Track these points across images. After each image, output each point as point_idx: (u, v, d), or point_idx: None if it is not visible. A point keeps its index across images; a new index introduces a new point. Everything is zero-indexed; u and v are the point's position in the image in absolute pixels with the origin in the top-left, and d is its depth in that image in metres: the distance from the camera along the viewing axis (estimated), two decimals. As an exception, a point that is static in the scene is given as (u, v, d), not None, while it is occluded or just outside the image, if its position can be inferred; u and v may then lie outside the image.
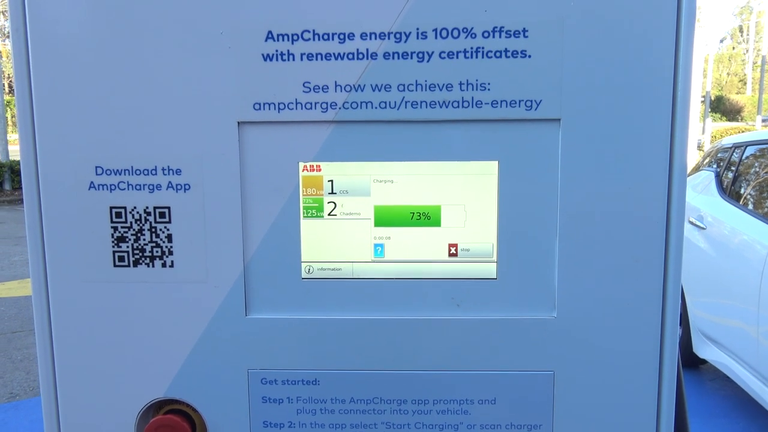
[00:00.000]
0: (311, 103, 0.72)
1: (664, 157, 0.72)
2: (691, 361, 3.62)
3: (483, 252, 0.75)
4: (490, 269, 0.75)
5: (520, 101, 0.71)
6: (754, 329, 2.84)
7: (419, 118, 0.72)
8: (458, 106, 0.71)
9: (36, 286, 0.76)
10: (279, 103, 0.72)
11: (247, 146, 0.73)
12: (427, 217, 0.75)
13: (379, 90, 0.71)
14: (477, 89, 0.71)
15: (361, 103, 0.72)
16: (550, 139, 0.72)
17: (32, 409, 3.33)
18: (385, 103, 0.72)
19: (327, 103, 0.72)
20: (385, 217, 0.75)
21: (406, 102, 0.72)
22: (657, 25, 0.70)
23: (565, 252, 0.74)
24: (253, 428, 0.78)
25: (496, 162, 0.73)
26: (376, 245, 0.76)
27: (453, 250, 0.76)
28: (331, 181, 0.75)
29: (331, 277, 0.76)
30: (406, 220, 0.75)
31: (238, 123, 0.73)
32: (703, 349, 3.39)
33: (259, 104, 0.72)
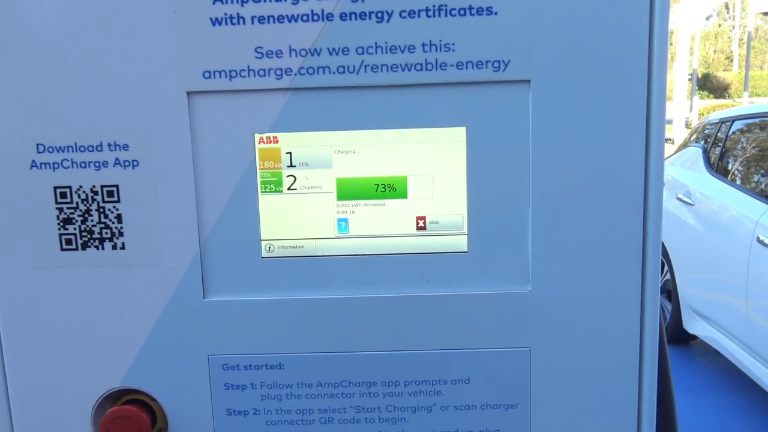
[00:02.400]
0: (264, 70, 0.67)
1: (641, 120, 0.68)
2: (681, 337, 3.63)
3: (453, 224, 0.71)
4: (460, 242, 0.71)
5: (487, 62, 0.67)
6: (743, 304, 2.85)
7: (380, 83, 0.68)
8: (421, 69, 0.67)
9: (-20, 274, 0.72)
10: (230, 71, 0.68)
11: (198, 118, 0.69)
12: (392, 189, 0.71)
13: (337, 54, 0.67)
14: (441, 50, 0.67)
15: (318, 68, 0.67)
16: (520, 103, 0.68)
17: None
18: (344, 67, 0.67)
19: (281, 70, 0.67)
20: (349, 191, 0.71)
21: (365, 66, 0.67)
22: None
23: (539, 222, 0.70)
24: (216, 416, 0.74)
25: (464, 128, 0.69)
26: (339, 220, 0.71)
27: (421, 223, 0.71)
28: (290, 153, 0.70)
29: (293, 255, 0.72)
30: (370, 192, 0.71)
31: (188, 93, 0.68)
32: (692, 325, 3.39)
33: (209, 72, 0.68)
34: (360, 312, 0.72)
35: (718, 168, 3.49)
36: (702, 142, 3.82)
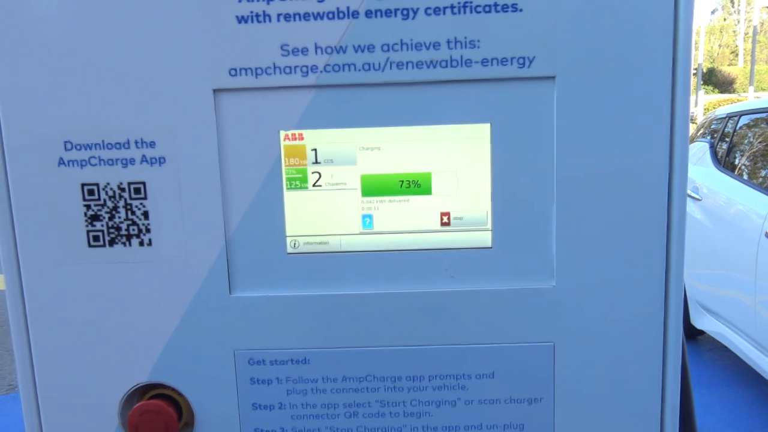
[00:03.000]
0: (290, 67, 0.68)
1: (665, 116, 0.68)
2: (688, 333, 3.63)
3: (477, 220, 0.72)
4: (484, 238, 0.72)
5: (512, 59, 0.67)
6: (751, 299, 2.84)
7: (406, 80, 0.68)
8: (446, 66, 0.67)
9: (8, 271, 0.73)
10: (256, 68, 0.68)
11: (223, 115, 0.69)
12: (417, 185, 0.71)
13: (362, 51, 0.67)
14: (466, 47, 0.67)
15: (344, 65, 0.68)
16: (544, 99, 0.68)
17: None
18: (369, 64, 0.67)
19: (307, 67, 0.68)
20: (373, 187, 0.71)
21: (391, 63, 0.67)
22: None
23: (563, 217, 0.70)
24: (242, 411, 0.74)
25: (489, 125, 0.69)
26: (364, 216, 0.72)
27: (445, 219, 0.72)
28: (315, 150, 0.71)
29: (318, 251, 0.72)
30: (395, 188, 0.71)
31: (214, 91, 0.68)
32: (700, 321, 3.39)
33: (235, 70, 0.68)
34: (384, 307, 0.72)
35: (725, 163, 3.48)
36: (709, 137, 3.80)
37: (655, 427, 0.73)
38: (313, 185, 0.71)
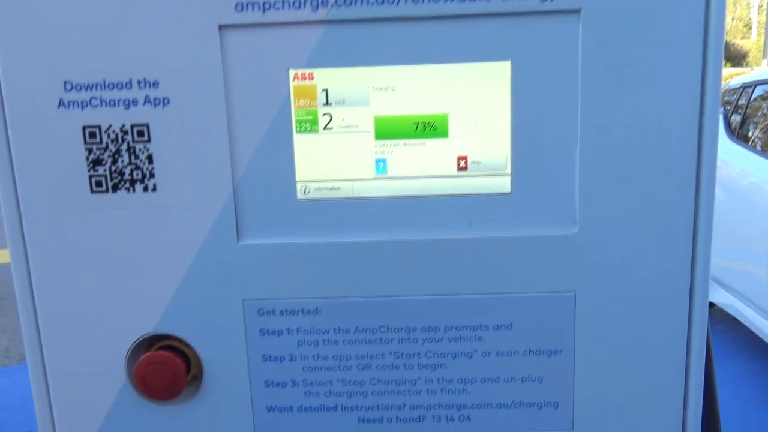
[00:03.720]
0: (299, 1, 0.64)
1: (697, 57, 0.64)
2: (698, 305, 3.60)
3: (496, 164, 0.68)
4: (503, 183, 0.69)
5: None
6: (763, 271, 2.81)
7: (421, 14, 0.64)
8: None
9: (9, 220, 0.70)
10: (264, 3, 0.64)
11: (230, 53, 0.66)
12: (433, 128, 0.68)
13: None
14: None
15: None
16: (569, 35, 0.65)
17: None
18: None
19: (317, 1, 0.64)
20: (387, 129, 0.68)
21: (406, -5, 0.64)
22: None
23: (587, 161, 0.67)
24: (252, 362, 0.72)
25: (509, 62, 0.66)
26: (377, 161, 0.69)
27: (462, 164, 0.69)
28: (326, 90, 0.67)
29: (329, 197, 0.69)
30: (410, 131, 0.68)
31: (219, 26, 0.65)
32: (711, 292, 3.37)
33: (242, 5, 0.64)
34: (398, 256, 0.69)
35: (738, 134, 3.43)
36: (722, 108, 3.74)
37: (680, 380, 0.71)
38: (324, 128, 0.68)
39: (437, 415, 0.73)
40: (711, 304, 3.51)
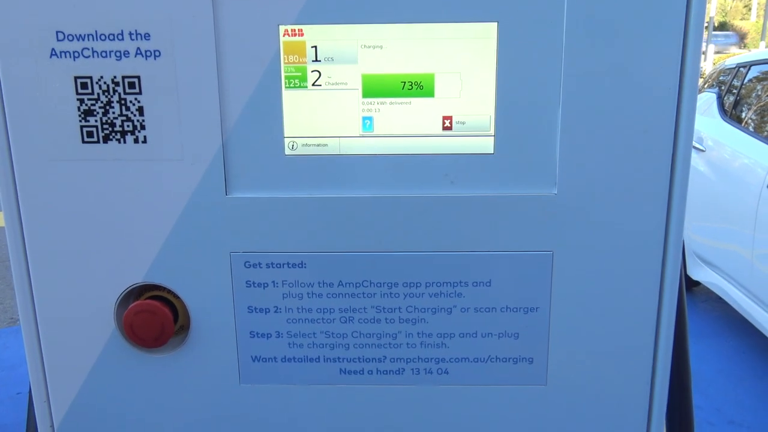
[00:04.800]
0: None
1: (679, 21, 0.66)
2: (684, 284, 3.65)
3: (480, 125, 0.70)
4: (486, 144, 0.70)
5: None
6: (748, 251, 2.85)
7: None
8: None
9: (1, 167, 0.71)
10: None
11: (221, 7, 0.67)
12: (419, 87, 0.69)
13: None
14: None
15: None
16: None
17: (29, 335, 3.35)
18: None
19: None
20: (374, 88, 0.69)
21: (395, -47, 0.64)
22: None
23: (568, 124, 0.68)
24: (238, 314, 0.74)
25: (495, 23, 0.67)
26: (364, 118, 0.70)
27: (447, 123, 0.70)
28: (315, 47, 0.68)
29: (316, 153, 0.71)
30: (396, 90, 0.69)
31: None
32: (697, 272, 3.41)
33: None
34: (382, 212, 0.71)
35: (731, 115, 3.43)
36: (716, 88, 3.74)
37: (650, 340, 0.73)
38: (313, 84, 0.69)
39: (416, 368, 0.76)
40: (696, 283, 3.56)
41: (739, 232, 2.94)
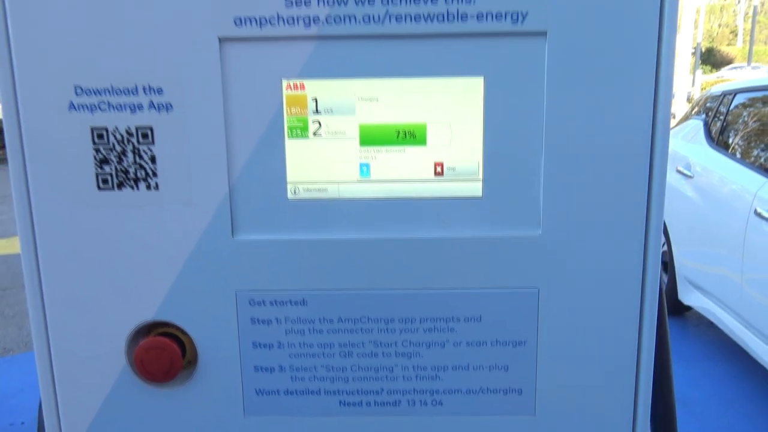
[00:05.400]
0: (293, 18, 0.71)
1: (650, 74, 0.71)
2: (676, 308, 3.69)
3: (469, 171, 0.75)
4: (475, 188, 0.75)
5: (506, 14, 0.70)
6: (738, 276, 2.89)
7: (404, 33, 0.71)
8: (443, 20, 0.70)
9: (20, 212, 0.76)
10: (261, 18, 0.71)
11: (229, 63, 0.72)
12: (412, 136, 0.75)
13: (363, 3, 0.70)
14: (462, 2, 0.70)
15: (345, 17, 0.70)
16: (536, 54, 0.71)
17: (25, 364, 3.36)
18: (369, 17, 0.70)
19: (309, 18, 0.71)
20: (371, 136, 0.75)
21: (390, 15, 0.70)
22: None
23: (551, 170, 0.74)
24: (243, 349, 0.78)
25: (482, 78, 0.73)
26: (361, 165, 0.75)
27: (439, 169, 0.75)
28: (316, 99, 0.74)
29: (317, 197, 0.76)
30: (391, 139, 0.75)
31: (219, 39, 0.71)
32: (688, 296, 3.45)
33: (241, 19, 0.71)
34: (379, 253, 0.76)
35: (718, 141, 3.50)
36: (703, 115, 3.83)
37: (631, 370, 0.78)
38: (314, 134, 0.74)
39: (412, 400, 0.80)
40: (688, 308, 3.60)
41: (728, 257, 2.98)
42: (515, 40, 0.71)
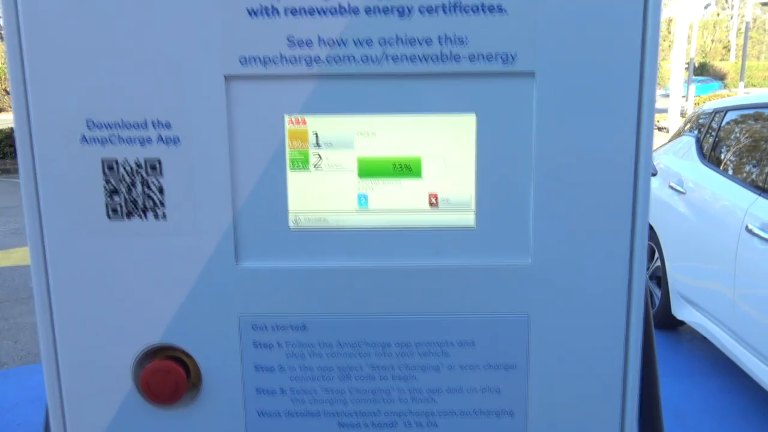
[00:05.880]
0: (296, 57, 0.74)
1: (632, 111, 0.75)
2: (669, 323, 3.72)
3: (462, 202, 0.79)
4: (468, 219, 0.79)
5: (496, 55, 0.74)
6: (730, 291, 2.92)
7: (400, 72, 0.75)
8: (437, 60, 0.74)
9: (32, 240, 0.79)
10: (264, 57, 0.74)
11: (234, 100, 0.76)
12: (408, 169, 0.78)
13: (361, 44, 0.74)
14: (455, 44, 0.74)
15: (344, 57, 0.74)
16: (525, 93, 0.75)
17: (20, 378, 3.36)
18: (367, 57, 0.74)
19: (311, 58, 0.74)
20: (369, 169, 0.78)
21: (387, 56, 0.74)
22: None
23: (540, 201, 0.77)
24: (245, 372, 0.81)
25: (474, 115, 0.76)
26: (360, 196, 0.79)
27: (433, 201, 0.79)
28: (316, 134, 0.77)
29: (317, 227, 0.79)
30: (388, 171, 0.78)
31: (225, 77, 0.75)
32: (681, 311, 3.48)
33: (245, 58, 0.74)
34: (377, 280, 0.79)
35: (710, 158, 3.55)
36: (695, 132, 3.88)
37: (618, 391, 0.81)
38: (314, 166, 0.78)
39: (408, 421, 0.83)
40: (681, 323, 3.63)
41: (720, 273, 3.01)
42: (505, 79, 0.75)
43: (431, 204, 0.79)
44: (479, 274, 0.79)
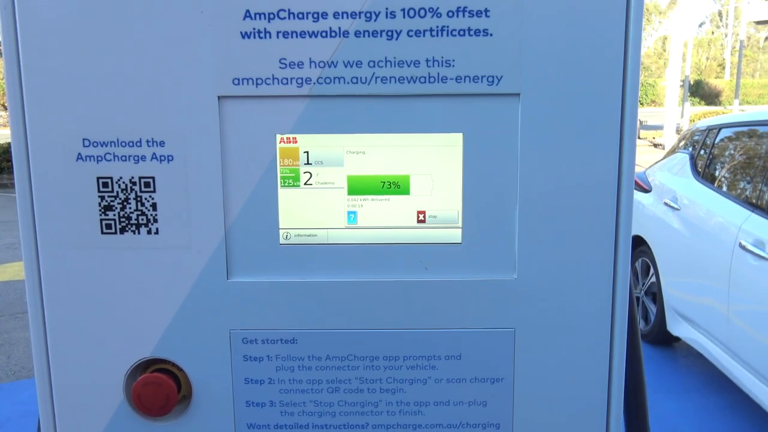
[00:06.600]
0: (287, 79, 0.77)
1: (615, 130, 0.78)
2: (664, 339, 3.73)
3: (449, 219, 0.81)
4: (455, 235, 0.81)
5: (482, 77, 0.76)
6: (725, 307, 2.93)
7: (389, 93, 0.77)
8: (425, 82, 0.76)
9: (27, 254, 0.81)
10: (257, 79, 0.77)
11: (227, 119, 0.78)
12: (397, 186, 0.80)
13: (351, 66, 0.76)
14: (442, 65, 0.76)
15: (334, 78, 0.76)
16: (510, 113, 0.78)
17: (14, 392, 3.35)
18: (357, 78, 0.76)
19: (302, 79, 0.77)
20: (358, 186, 0.80)
21: (376, 77, 0.76)
22: (608, 5, 0.75)
23: (525, 218, 0.79)
24: (236, 385, 0.83)
25: (461, 134, 0.79)
26: (349, 212, 0.81)
27: (421, 217, 0.81)
28: (307, 152, 0.79)
29: (307, 242, 0.81)
30: (377, 188, 0.80)
31: (219, 97, 0.77)
32: (676, 327, 3.49)
33: (238, 79, 0.77)
34: (365, 294, 0.81)
35: (704, 174, 3.58)
36: (690, 149, 3.91)
37: (602, 404, 0.83)
38: (305, 183, 0.80)
39: (396, 434, 0.84)
40: (676, 339, 3.64)
41: (715, 289, 3.02)
42: (491, 100, 0.77)
43: (419, 220, 0.81)
44: (466, 289, 0.81)
